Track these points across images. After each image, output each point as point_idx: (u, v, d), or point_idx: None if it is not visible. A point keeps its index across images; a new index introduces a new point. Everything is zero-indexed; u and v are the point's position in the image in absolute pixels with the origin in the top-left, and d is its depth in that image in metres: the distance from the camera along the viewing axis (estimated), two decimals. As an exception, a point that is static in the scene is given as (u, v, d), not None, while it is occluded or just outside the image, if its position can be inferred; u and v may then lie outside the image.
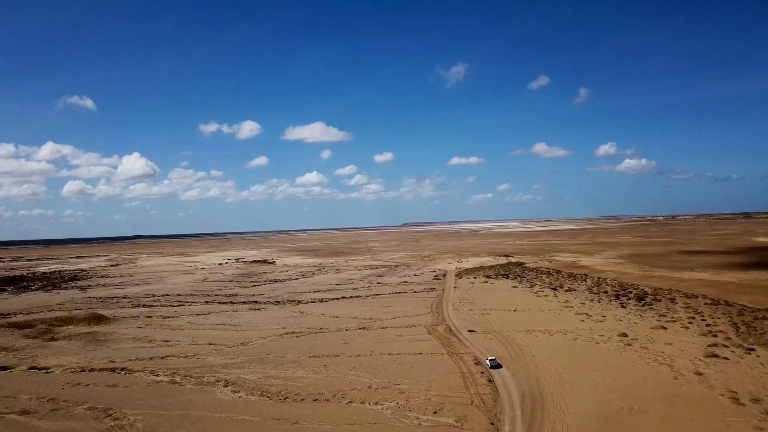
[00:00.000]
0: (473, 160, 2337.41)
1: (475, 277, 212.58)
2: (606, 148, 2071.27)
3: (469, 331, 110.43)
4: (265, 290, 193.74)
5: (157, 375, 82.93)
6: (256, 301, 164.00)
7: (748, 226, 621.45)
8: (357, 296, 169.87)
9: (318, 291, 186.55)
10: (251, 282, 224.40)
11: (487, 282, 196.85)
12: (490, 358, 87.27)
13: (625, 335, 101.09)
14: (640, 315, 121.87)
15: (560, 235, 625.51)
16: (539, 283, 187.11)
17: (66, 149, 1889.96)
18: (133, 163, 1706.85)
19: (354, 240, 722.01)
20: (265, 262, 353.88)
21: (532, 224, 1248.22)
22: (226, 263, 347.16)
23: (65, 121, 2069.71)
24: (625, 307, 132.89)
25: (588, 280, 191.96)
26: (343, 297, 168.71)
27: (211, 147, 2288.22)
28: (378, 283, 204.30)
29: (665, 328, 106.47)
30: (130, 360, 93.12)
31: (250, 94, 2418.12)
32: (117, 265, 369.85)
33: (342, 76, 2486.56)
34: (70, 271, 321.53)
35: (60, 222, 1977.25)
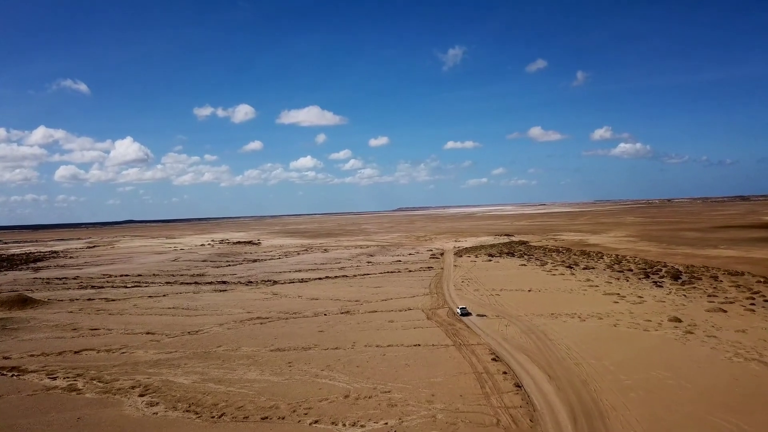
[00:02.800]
0: (468, 144, 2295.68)
1: (476, 256, 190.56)
2: (601, 132, 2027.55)
3: (479, 315, 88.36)
4: (240, 270, 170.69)
5: (55, 378, 60.05)
6: (224, 282, 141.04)
7: (750, 207, 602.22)
8: (343, 276, 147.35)
9: (299, 271, 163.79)
10: (227, 262, 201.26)
11: (490, 260, 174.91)
12: (460, 306, 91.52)
13: (679, 320, 79.25)
14: (684, 296, 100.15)
15: (558, 216, 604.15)
16: (550, 261, 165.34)
17: (58, 134, 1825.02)
18: (126, 147, 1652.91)
19: (346, 223, 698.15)
20: (249, 243, 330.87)
21: (528, 208, 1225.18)
22: (208, 244, 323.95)
23: (58, 105, 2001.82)
24: (661, 287, 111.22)
25: (605, 257, 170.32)
26: (327, 277, 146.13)
27: (205, 131, 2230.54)
28: (368, 263, 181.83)
29: (725, 311, 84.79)
30: (31, 356, 70.18)
31: (245, 77, 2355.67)
32: (94, 247, 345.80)
33: (338, 59, 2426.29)
34: (40, 252, 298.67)
35: (53, 207, 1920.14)
